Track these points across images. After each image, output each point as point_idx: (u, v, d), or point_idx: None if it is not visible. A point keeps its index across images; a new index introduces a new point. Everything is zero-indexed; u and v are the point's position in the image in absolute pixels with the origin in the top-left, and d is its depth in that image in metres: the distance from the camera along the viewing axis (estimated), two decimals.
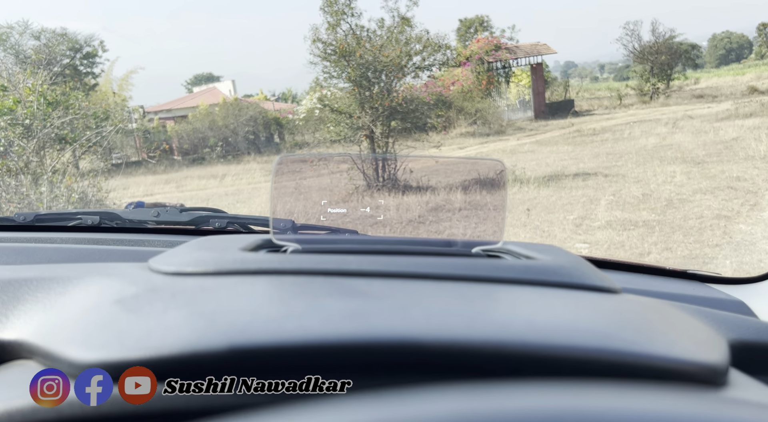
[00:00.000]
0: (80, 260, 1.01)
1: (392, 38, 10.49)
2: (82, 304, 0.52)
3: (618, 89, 27.08)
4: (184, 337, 0.41)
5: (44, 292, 0.55)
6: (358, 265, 0.59)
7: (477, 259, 0.65)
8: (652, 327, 0.49)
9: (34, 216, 1.32)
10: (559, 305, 0.53)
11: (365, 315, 0.44)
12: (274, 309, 0.46)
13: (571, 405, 0.33)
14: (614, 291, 0.60)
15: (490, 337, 0.41)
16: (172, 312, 0.46)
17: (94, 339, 0.43)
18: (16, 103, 7.89)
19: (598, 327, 0.46)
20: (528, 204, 7.37)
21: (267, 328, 0.42)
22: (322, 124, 13.23)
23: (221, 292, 0.52)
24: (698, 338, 0.49)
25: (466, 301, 0.51)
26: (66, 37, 22.54)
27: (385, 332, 0.41)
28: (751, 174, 7.76)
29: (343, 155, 5.66)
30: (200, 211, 1.37)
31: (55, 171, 7.78)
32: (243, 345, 0.39)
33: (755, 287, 1.09)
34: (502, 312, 0.50)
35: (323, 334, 0.41)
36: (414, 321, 0.44)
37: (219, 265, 0.59)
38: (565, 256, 0.67)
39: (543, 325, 0.45)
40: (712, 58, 72.68)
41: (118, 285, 0.54)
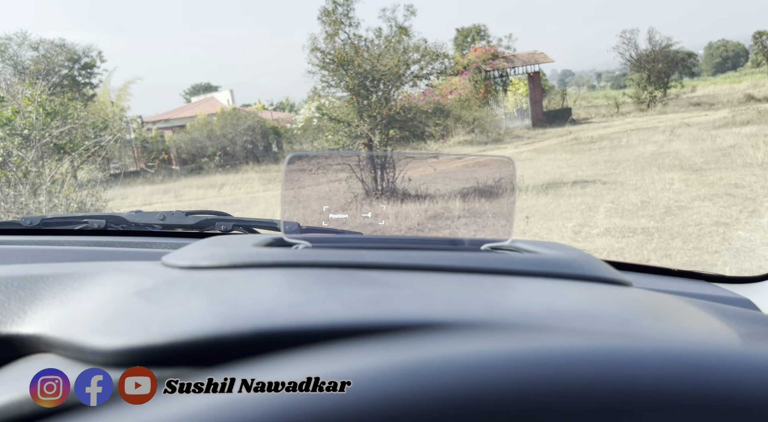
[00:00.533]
0: (90, 260, 1.01)
1: (390, 47, 10.53)
2: (100, 298, 0.52)
3: (615, 97, 27.19)
4: (208, 322, 0.41)
5: (60, 288, 0.56)
6: (373, 258, 0.59)
7: (487, 254, 0.65)
8: (667, 315, 0.49)
9: (40, 220, 1.32)
10: (575, 294, 0.53)
11: (386, 301, 0.45)
12: (294, 296, 0.46)
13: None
14: (626, 283, 0.61)
15: (511, 321, 0.42)
16: (193, 300, 0.46)
17: (118, 327, 0.44)
18: (15, 114, 7.90)
19: (615, 313, 0.46)
20: (527, 211, 7.38)
21: (290, 312, 0.42)
22: (320, 132, 13.25)
23: (240, 282, 0.52)
24: (712, 327, 0.50)
25: (483, 290, 0.52)
26: (64, 48, 22.60)
27: (408, 315, 0.41)
28: (749, 181, 7.78)
29: (352, 153, 5.65)
30: (206, 214, 1.37)
31: (54, 181, 7.78)
32: (267, 329, 0.40)
33: (759, 286, 1.10)
34: (520, 299, 0.50)
35: (346, 318, 0.41)
36: (435, 306, 0.44)
37: (234, 259, 0.60)
38: (575, 251, 0.68)
39: (561, 310, 0.45)
40: (708, 66, 73.03)
41: (134, 279, 0.55)
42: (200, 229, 1.34)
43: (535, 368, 0.28)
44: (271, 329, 0.40)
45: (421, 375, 0.27)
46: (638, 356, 0.30)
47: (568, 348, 0.30)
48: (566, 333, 0.33)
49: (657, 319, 0.46)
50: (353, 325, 0.40)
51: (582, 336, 0.32)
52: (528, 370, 0.28)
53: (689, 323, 0.47)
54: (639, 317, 0.46)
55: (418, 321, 0.41)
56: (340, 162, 1.18)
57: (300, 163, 0.76)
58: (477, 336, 0.32)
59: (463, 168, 1.12)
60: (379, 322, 0.40)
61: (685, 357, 0.30)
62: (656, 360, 0.29)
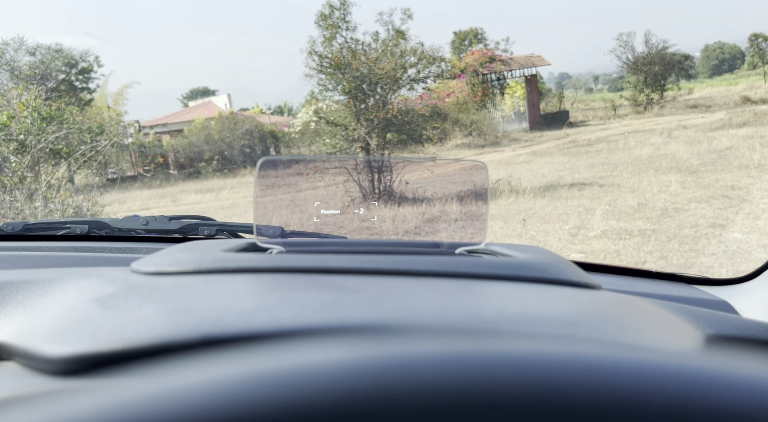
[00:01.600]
0: (66, 266, 1.00)
1: (387, 51, 10.55)
2: (60, 304, 0.52)
3: (612, 100, 27.23)
4: (155, 329, 0.41)
5: (25, 294, 0.55)
6: (338, 263, 0.59)
7: (457, 257, 0.65)
8: (624, 318, 0.48)
9: (22, 226, 1.32)
10: (531, 297, 0.52)
11: (337, 306, 0.44)
12: (247, 302, 0.46)
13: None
14: (593, 287, 0.60)
15: (459, 325, 0.41)
16: (146, 307, 0.46)
17: (69, 334, 0.43)
18: (10, 119, 7.89)
19: (568, 316, 0.46)
20: (524, 214, 7.38)
21: (239, 319, 0.41)
22: (317, 136, 13.27)
23: (198, 288, 0.51)
24: (670, 329, 0.49)
25: (439, 294, 0.51)
26: (61, 53, 22.62)
27: (355, 321, 0.41)
28: (745, 182, 7.79)
29: (326, 157, 5.63)
30: (189, 219, 1.36)
31: (50, 186, 7.77)
32: (213, 336, 0.39)
33: (739, 287, 1.09)
34: (473, 303, 0.50)
35: (293, 324, 0.40)
36: (385, 310, 0.44)
37: (199, 264, 0.59)
38: (545, 254, 0.67)
39: (512, 314, 0.45)
40: (705, 69, 73.23)
41: (97, 286, 0.54)
42: (183, 234, 1.34)
43: (455, 371, 0.28)
44: (217, 336, 0.39)
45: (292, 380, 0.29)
46: (569, 361, 0.29)
47: (502, 352, 0.30)
48: (508, 337, 0.32)
49: (610, 322, 0.46)
50: (301, 330, 0.39)
51: (522, 340, 0.32)
52: (446, 372, 0.28)
53: (646, 326, 0.47)
54: (591, 320, 0.45)
55: (364, 325, 0.40)
56: (311, 166, 1.17)
57: (273, 167, 0.75)
58: (415, 338, 0.32)
59: (445, 170, 1.11)
60: (327, 327, 0.40)
61: (618, 365, 0.29)
62: (585, 367, 0.29)
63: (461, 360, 0.29)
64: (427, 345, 0.31)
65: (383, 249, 0.71)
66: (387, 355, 0.30)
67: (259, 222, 0.73)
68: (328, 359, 0.30)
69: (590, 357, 0.30)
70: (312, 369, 0.29)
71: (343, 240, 1.00)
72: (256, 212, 0.71)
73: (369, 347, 0.32)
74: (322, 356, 0.31)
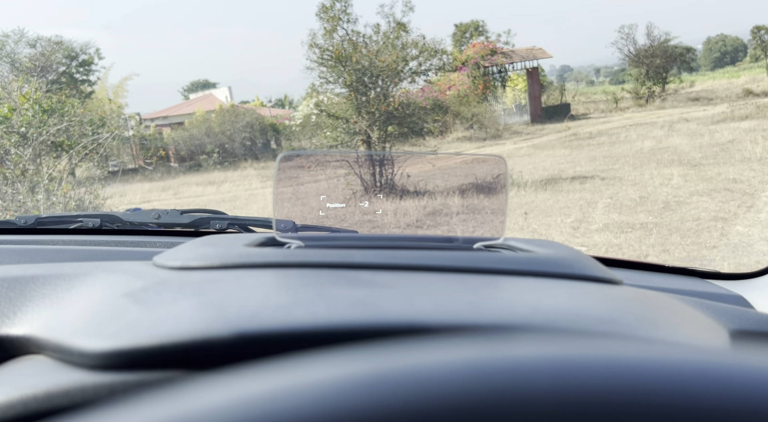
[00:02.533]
0: (83, 260, 1.01)
1: (388, 43, 10.52)
2: (89, 299, 0.52)
3: (614, 93, 27.17)
4: (194, 325, 0.41)
5: (51, 289, 0.56)
6: (363, 258, 0.59)
7: (479, 253, 0.65)
8: (655, 313, 0.49)
9: (35, 220, 1.32)
10: (562, 293, 0.53)
11: (372, 302, 0.45)
12: (282, 298, 0.46)
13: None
14: (616, 282, 0.61)
15: (497, 321, 0.42)
16: (181, 302, 0.46)
17: (104, 329, 0.44)
18: (11, 111, 7.88)
19: (602, 312, 0.46)
20: (525, 207, 7.38)
21: (276, 315, 0.42)
22: (318, 129, 13.24)
23: (228, 283, 0.52)
24: (698, 325, 0.50)
25: (470, 290, 0.52)
26: (62, 45, 22.54)
27: (392, 317, 0.41)
28: (747, 176, 7.79)
29: (345, 152, 5.65)
30: (201, 213, 1.37)
31: (52, 179, 7.76)
32: (253, 332, 0.39)
33: (753, 282, 1.10)
34: (506, 299, 0.50)
35: (332, 320, 0.41)
36: (421, 306, 0.44)
37: (225, 259, 0.60)
38: (566, 249, 0.68)
39: (547, 310, 0.45)
40: (707, 61, 72.97)
41: (124, 280, 0.55)
42: (195, 228, 1.34)
43: (510, 377, 0.28)
44: (256, 332, 0.39)
45: (385, 385, 0.27)
46: (621, 363, 0.29)
47: (552, 354, 0.30)
48: (550, 337, 0.33)
49: (643, 319, 0.46)
50: (338, 327, 0.40)
51: (565, 339, 0.32)
52: (503, 380, 0.28)
53: (677, 322, 0.47)
54: (625, 316, 0.46)
55: (403, 323, 0.41)
56: (332, 160, 1.18)
57: (294, 161, 0.76)
58: (457, 342, 0.32)
59: (461, 164, 1.11)
60: (364, 324, 0.40)
61: (668, 365, 0.29)
62: (638, 369, 0.29)
63: (559, 364, 0.29)
64: (513, 348, 0.31)
65: (401, 245, 0.72)
66: (493, 358, 0.30)
67: (278, 217, 0.73)
68: (439, 359, 0.29)
69: (648, 358, 0.30)
70: (425, 369, 0.28)
71: (355, 234, 1.00)
72: (275, 207, 0.72)
73: (466, 349, 0.31)
74: (429, 357, 0.30)
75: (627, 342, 0.33)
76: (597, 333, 0.39)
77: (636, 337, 0.40)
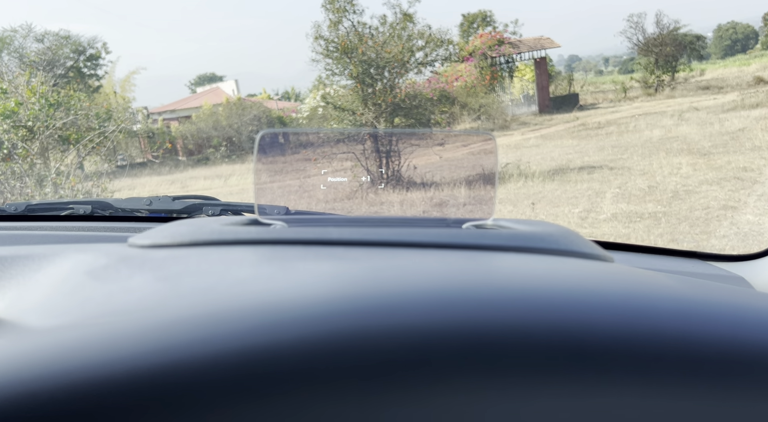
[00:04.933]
0: (66, 244, 1.00)
1: (394, 34, 10.47)
2: (53, 278, 0.50)
3: (623, 82, 26.93)
4: (144, 300, 0.39)
5: (18, 269, 0.54)
6: (339, 235, 0.57)
7: (462, 230, 0.63)
8: (639, 289, 0.46)
9: (25, 206, 1.31)
10: (541, 267, 0.51)
11: (335, 275, 0.43)
12: (242, 272, 0.44)
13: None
14: (605, 259, 0.58)
15: (461, 287, 0.40)
16: (137, 277, 0.45)
17: (55, 306, 0.42)
18: (18, 105, 7.91)
19: (580, 286, 0.44)
20: (533, 198, 7.34)
21: (230, 290, 0.40)
22: (325, 121, 13.22)
23: (192, 259, 0.50)
24: (689, 293, 0.47)
25: (444, 264, 0.49)
26: (69, 40, 22.62)
27: (351, 290, 0.39)
28: (757, 164, 7.70)
29: (325, 130, 5.62)
30: (193, 198, 1.35)
31: (59, 173, 7.80)
32: (202, 305, 0.37)
33: (754, 263, 1.07)
34: (479, 273, 0.48)
35: (287, 293, 0.39)
36: (384, 279, 0.42)
37: (195, 237, 0.58)
38: (554, 227, 0.65)
39: (518, 279, 0.43)
40: (717, 49, 72.25)
41: (91, 259, 0.53)
42: (188, 214, 1.32)
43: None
44: (205, 304, 0.37)
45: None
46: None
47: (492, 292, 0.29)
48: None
49: (626, 292, 0.44)
50: (293, 301, 0.38)
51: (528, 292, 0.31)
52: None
53: (661, 298, 0.45)
54: (606, 290, 0.43)
55: (364, 292, 0.38)
56: (319, 151, 1.17)
57: (273, 140, 0.73)
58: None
59: (468, 154, 1.10)
60: (319, 298, 0.38)
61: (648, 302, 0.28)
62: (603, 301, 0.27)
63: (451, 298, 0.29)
64: (418, 288, 0.30)
65: (387, 224, 0.69)
66: (376, 293, 0.30)
67: (262, 200, 0.71)
68: (302, 298, 0.29)
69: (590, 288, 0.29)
70: (281, 306, 0.28)
71: (344, 216, 0.98)
72: (256, 188, 0.69)
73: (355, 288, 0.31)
74: (297, 297, 0.30)
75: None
76: (571, 303, 0.36)
77: (612, 307, 0.38)
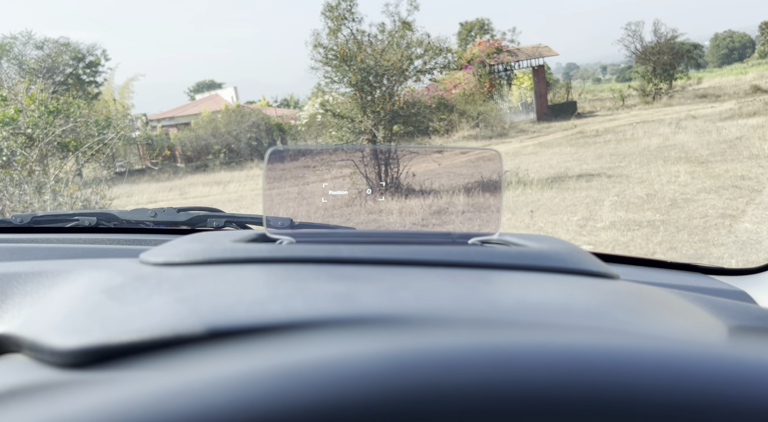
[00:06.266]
0: (74, 258, 1.00)
1: (393, 42, 10.50)
2: (69, 295, 0.51)
3: (620, 90, 27.02)
4: (165, 320, 0.40)
5: (33, 286, 0.55)
6: (350, 253, 0.58)
7: (471, 247, 0.63)
8: (647, 308, 0.47)
9: (31, 218, 1.31)
10: (551, 287, 0.51)
11: (352, 296, 0.43)
12: (260, 293, 0.45)
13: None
14: (611, 276, 0.59)
15: (479, 315, 0.40)
16: (156, 297, 0.45)
17: (77, 325, 0.42)
18: (18, 113, 7.91)
19: (591, 306, 0.45)
20: (531, 206, 7.35)
21: (250, 310, 0.41)
22: (324, 129, 13.24)
23: (208, 279, 0.51)
24: (694, 320, 0.48)
25: (456, 283, 0.50)
26: (69, 47, 22.65)
27: (370, 311, 0.40)
28: (755, 172, 7.72)
29: (333, 146, 5.64)
30: (198, 210, 1.36)
31: (59, 179, 7.79)
32: (224, 327, 0.38)
33: (756, 277, 1.08)
34: (492, 292, 0.49)
35: (307, 314, 0.39)
36: (401, 300, 0.43)
37: (208, 255, 0.58)
38: (561, 244, 0.66)
39: (533, 304, 0.44)
40: (714, 58, 72.51)
41: (105, 277, 0.53)
42: (192, 226, 1.33)
43: (487, 365, 0.27)
44: (227, 328, 0.38)
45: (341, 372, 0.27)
46: (605, 354, 0.28)
47: (533, 344, 0.29)
48: (535, 328, 0.31)
49: (635, 313, 0.44)
50: (315, 321, 0.38)
51: (547, 330, 0.31)
52: (481, 368, 0.27)
53: (671, 317, 0.45)
54: (615, 310, 0.44)
55: (382, 315, 0.39)
56: (318, 158, 1.17)
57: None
58: (434, 330, 0.31)
59: (469, 161, 1.10)
60: (342, 317, 0.39)
61: (657, 356, 0.28)
62: (623, 360, 0.27)
63: (494, 354, 0.28)
64: (455, 338, 0.30)
65: (394, 240, 0.70)
66: (419, 349, 0.29)
67: (268, 214, 0.72)
68: (354, 352, 0.28)
69: (623, 348, 0.29)
70: (339, 362, 0.28)
71: (351, 230, 0.99)
72: (265, 204, 0.70)
73: (396, 340, 0.30)
74: (347, 349, 0.29)
75: (608, 334, 0.31)
76: (583, 327, 0.37)
77: (624, 332, 0.39)
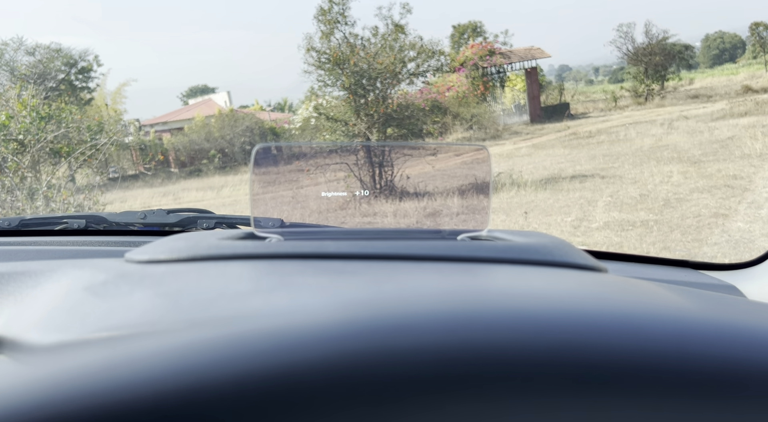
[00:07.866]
0: (62, 259, 0.99)
1: (386, 45, 10.51)
2: (52, 294, 0.50)
3: (613, 91, 27.14)
4: (145, 315, 0.39)
5: (16, 286, 0.54)
6: (336, 248, 0.57)
7: (458, 242, 0.63)
8: (632, 298, 0.47)
9: (19, 221, 1.30)
10: (537, 279, 0.51)
11: (335, 289, 0.43)
12: (242, 287, 0.44)
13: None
14: (599, 269, 0.59)
15: (462, 306, 0.40)
16: (137, 293, 0.45)
17: (57, 322, 0.42)
18: (9, 119, 7.87)
19: (576, 297, 0.44)
20: (525, 207, 7.36)
21: (231, 304, 0.40)
22: (318, 132, 13.23)
23: (191, 274, 0.50)
24: (680, 305, 0.48)
25: (442, 276, 0.50)
26: (60, 53, 22.58)
27: (352, 304, 0.39)
28: (747, 172, 7.76)
29: (320, 143, 5.62)
30: (187, 212, 1.35)
31: (51, 186, 7.75)
32: (204, 321, 0.38)
33: (745, 272, 1.08)
34: (477, 285, 0.48)
35: (289, 307, 0.39)
36: (385, 293, 0.42)
37: (193, 252, 0.58)
38: (549, 238, 0.66)
39: (518, 296, 0.43)
40: (705, 59, 72.90)
41: (88, 275, 0.53)
42: (182, 227, 1.32)
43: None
44: (207, 320, 0.37)
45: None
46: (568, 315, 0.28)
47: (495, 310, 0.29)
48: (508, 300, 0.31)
49: (618, 303, 0.44)
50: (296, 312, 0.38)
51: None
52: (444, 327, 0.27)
53: (654, 307, 0.45)
54: (598, 301, 0.44)
55: (362, 304, 0.39)
56: (312, 162, 1.15)
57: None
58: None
59: (459, 164, 1.10)
60: (323, 307, 0.38)
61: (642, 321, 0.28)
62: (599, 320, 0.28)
63: (457, 317, 0.29)
64: (420, 307, 0.30)
65: (383, 236, 0.70)
66: (380, 314, 0.30)
67: (257, 213, 0.71)
68: (311, 321, 0.29)
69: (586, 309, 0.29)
70: (293, 329, 0.28)
71: (339, 228, 0.98)
72: (252, 201, 0.70)
73: (359, 310, 0.31)
74: (306, 319, 0.29)
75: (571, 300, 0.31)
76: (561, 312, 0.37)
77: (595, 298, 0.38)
